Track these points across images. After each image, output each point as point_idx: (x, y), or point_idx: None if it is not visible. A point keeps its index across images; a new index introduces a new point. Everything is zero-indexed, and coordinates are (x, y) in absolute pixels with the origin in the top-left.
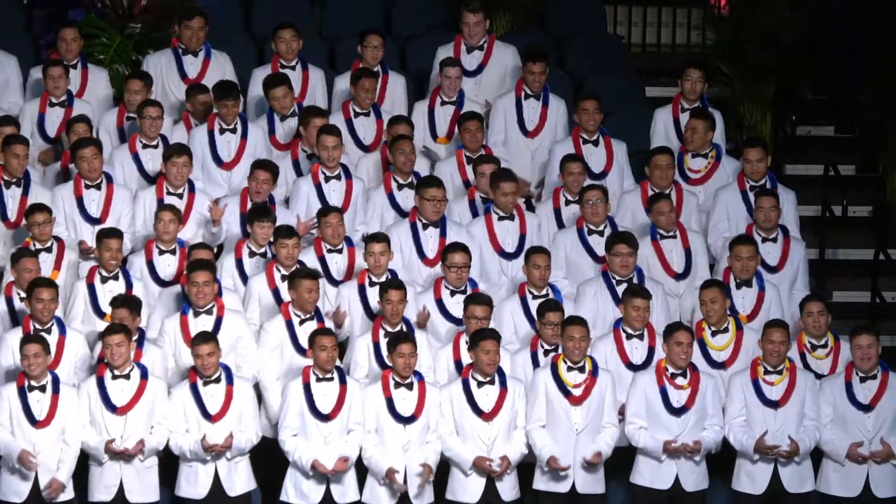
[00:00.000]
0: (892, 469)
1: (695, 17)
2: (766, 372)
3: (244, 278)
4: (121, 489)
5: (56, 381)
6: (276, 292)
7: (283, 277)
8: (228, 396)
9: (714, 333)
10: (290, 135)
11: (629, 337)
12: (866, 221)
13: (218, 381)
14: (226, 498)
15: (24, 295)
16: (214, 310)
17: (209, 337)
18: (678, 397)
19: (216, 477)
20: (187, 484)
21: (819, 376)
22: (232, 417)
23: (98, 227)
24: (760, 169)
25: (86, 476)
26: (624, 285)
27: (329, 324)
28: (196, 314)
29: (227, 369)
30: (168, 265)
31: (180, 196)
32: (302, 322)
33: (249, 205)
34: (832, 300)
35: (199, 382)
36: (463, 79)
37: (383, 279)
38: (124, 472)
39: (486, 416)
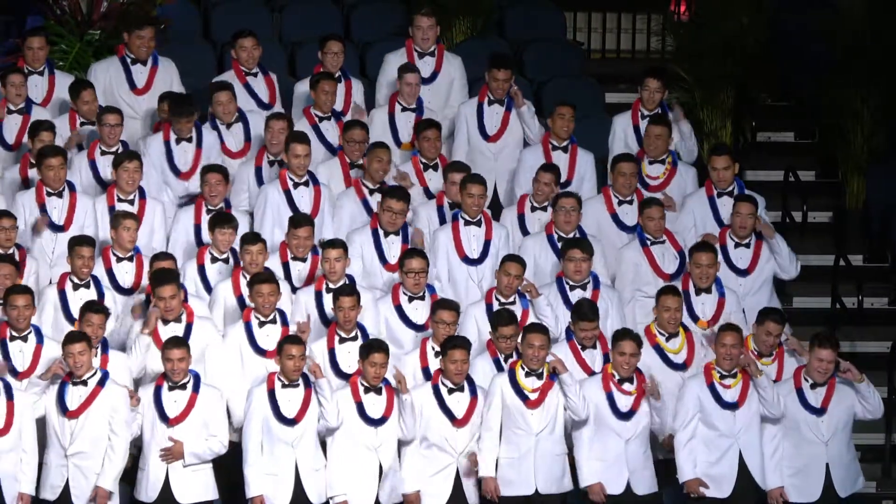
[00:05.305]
0: (852, 467)
1: (654, 24)
2: (722, 377)
3: (206, 284)
4: (66, 489)
5: (8, 388)
6: (240, 299)
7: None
8: (191, 403)
9: (668, 338)
10: (239, 142)
11: (584, 348)
12: (826, 227)
13: (184, 387)
14: None
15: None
16: (184, 317)
17: (181, 342)
18: (625, 402)
19: (167, 482)
20: (140, 487)
21: None
22: (194, 424)
23: (60, 235)
24: (727, 177)
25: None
26: (578, 290)
27: (294, 328)
28: (165, 322)
29: (197, 376)
30: (126, 272)
31: (131, 202)
32: (262, 325)
33: (205, 211)
34: (792, 306)
35: (165, 386)
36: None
37: (340, 285)
38: (71, 474)
39: (459, 423)
